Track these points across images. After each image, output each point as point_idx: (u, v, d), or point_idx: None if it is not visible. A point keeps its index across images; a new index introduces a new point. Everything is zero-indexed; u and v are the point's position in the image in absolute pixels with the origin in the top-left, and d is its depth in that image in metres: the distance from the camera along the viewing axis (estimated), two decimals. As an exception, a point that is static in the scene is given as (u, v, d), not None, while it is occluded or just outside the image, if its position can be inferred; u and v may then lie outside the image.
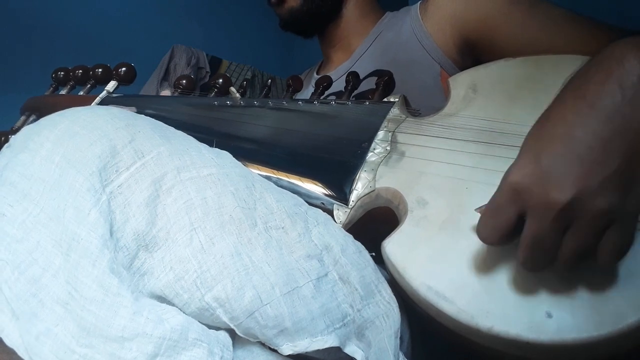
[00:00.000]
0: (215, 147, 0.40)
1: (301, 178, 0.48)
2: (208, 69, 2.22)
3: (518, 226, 0.33)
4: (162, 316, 0.29)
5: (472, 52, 0.67)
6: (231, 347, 0.31)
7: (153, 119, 0.39)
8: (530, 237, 0.32)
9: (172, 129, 0.39)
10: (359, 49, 0.81)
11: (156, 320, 0.28)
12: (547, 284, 0.34)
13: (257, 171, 0.47)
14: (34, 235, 0.30)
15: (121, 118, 0.36)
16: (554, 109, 0.34)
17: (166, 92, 0.69)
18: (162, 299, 0.32)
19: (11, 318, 0.28)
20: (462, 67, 0.68)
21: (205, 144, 0.39)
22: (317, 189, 0.47)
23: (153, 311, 0.29)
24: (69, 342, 0.27)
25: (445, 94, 0.53)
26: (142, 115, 0.38)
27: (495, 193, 0.34)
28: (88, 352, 0.27)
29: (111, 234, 0.31)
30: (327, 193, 0.47)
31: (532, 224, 0.32)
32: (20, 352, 0.27)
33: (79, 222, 0.30)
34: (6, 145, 0.35)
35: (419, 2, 0.75)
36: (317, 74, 0.90)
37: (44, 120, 0.35)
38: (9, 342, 0.27)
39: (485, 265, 0.36)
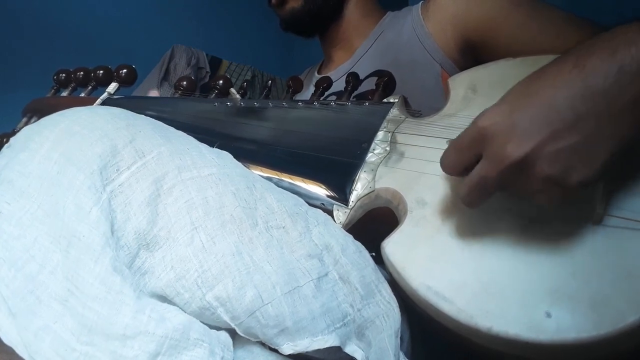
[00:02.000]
0: (216, 148, 0.40)
1: (301, 179, 0.48)
2: (208, 69, 2.22)
3: (474, 164, 0.36)
4: (164, 315, 0.29)
5: (473, 53, 0.67)
6: (232, 348, 0.31)
7: (153, 119, 0.39)
8: (476, 178, 0.35)
9: (172, 129, 0.39)
10: (360, 49, 0.81)
11: (158, 319, 0.28)
12: (546, 284, 0.34)
13: (257, 172, 0.47)
14: (31, 232, 0.30)
15: (122, 118, 0.36)
16: (549, 68, 0.35)
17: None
18: (163, 299, 0.32)
19: (7, 315, 0.28)
20: (463, 67, 0.68)
21: (205, 145, 0.39)
22: (317, 189, 0.47)
23: (155, 310, 0.29)
24: (69, 339, 0.27)
25: (446, 95, 0.53)
26: (143, 116, 0.38)
27: (465, 130, 0.37)
28: (89, 349, 0.27)
29: (112, 233, 0.31)
30: (327, 194, 0.47)
31: (482, 167, 0.35)
32: (19, 350, 0.27)
33: (80, 220, 0.30)
34: (6, 145, 0.35)
35: (420, 2, 0.76)
36: (319, 73, 0.90)
37: (44, 120, 0.35)
38: (6, 339, 0.27)
39: (485, 265, 0.36)
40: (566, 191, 0.33)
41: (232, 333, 0.32)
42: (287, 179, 0.49)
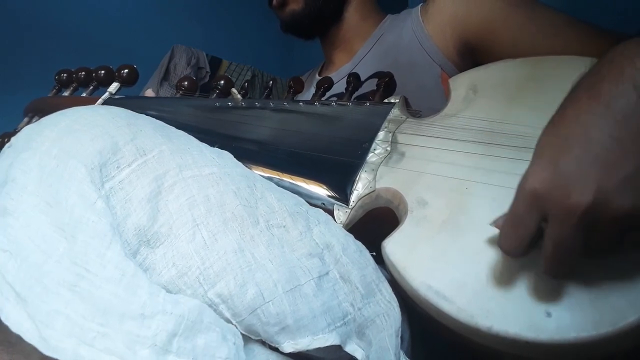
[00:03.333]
0: (216, 148, 0.40)
1: (302, 179, 0.48)
2: (208, 69, 2.22)
3: (539, 234, 0.32)
4: (178, 300, 0.29)
5: (472, 54, 0.68)
6: (240, 335, 0.31)
7: (154, 119, 0.39)
8: (553, 243, 0.31)
9: (173, 128, 0.39)
10: (360, 51, 0.81)
11: (173, 301, 0.28)
12: (546, 283, 0.34)
13: (258, 172, 0.47)
14: (35, 222, 0.30)
15: (123, 117, 0.36)
16: (567, 109, 0.33)
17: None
18: None
19: (16, 304, 0.27)
20: (463, 68, 0.68)
21: (206, 144, 0.39)
22: (317, 189, 0.47)
23: (168, 295, 0.29)
24: (82, 322, 0.26)
25: (445, 95, 0.53)
26: (143, 115, 0.39)
27: (514, 202, 0.33)
28: (106, 330, 0.26)
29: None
30: (327, 193, 0.47)
31: (554, 229, 0.31)
32: (27, 336, 0.27)
33: (86, 208, 0.30)
34: (7, 145, 0.35)
35: (420, 4, 0.76)
36: (319, 75, 0.90)
37: (45, 120, 0.35)
38: (14, 327, 0.27)
39: (485, 264, 0.36)
40: None
41: (233, 331, 0.33)
42: (288, 178, 0.49)
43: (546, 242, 0.32)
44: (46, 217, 0.30)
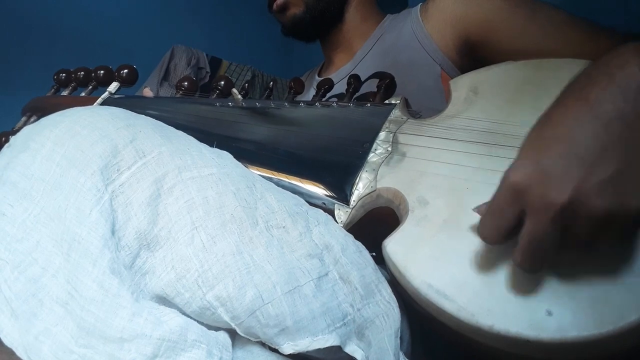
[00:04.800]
0: (215, 147, 0.40)
1: (303, 178, 0.48)
2: (208, 69, 2.22)
3: (518, 225, 0.33)
4: (161, 318, 0.29)
5: (472, 54, 0.68)
6: (230, 348, 0.31)
7: (154, 119, 0.39)
8: (528, 237, 0.32)
9: (172, 129, 0.39)
10: (360, 52, 0.81)
11: (155, 321, 0.28)
12: (547, 282, 0.34)
13: (259, 172, 0.47)
14: (34, 235, 0.30)
15: (122, 118, 0.36)
16: (555, 110, 0.35)
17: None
18: (163, 299, 0.32)
19: (10, 317, 0.28)
20: (463, 68, 0.68)
21: (205, 144, 0.39)
22: (318, 189, 0.47)
23: (152, 313, 0.29)
24: (68, 342, 0.27)
25: (445, 95, 0.53)
26: (143, 116, 0.38)
27: (496, 193, 0.35)
28: (87, 352, 0.27)
29: (113, 233, 0.31)
30: (328, 193, 0.47)
31: (531, 223, 0.32)
32: (18, 352, 0.27)
33: (80, 222, 0.30)
34: (6, 145, 0.35)
35: (420, 4, 0.76)
36: (319, 76, 0.90)
37: (45, 120, 0.35)
38: (7, 341, 0.27)
39: (486, 263, 0.36)
40: (628, 221, 0.31)
41: (232, 333, 0.32)
42: (288, 179, 0.49)
43: (522, 235, 0.33)
44: (46, 230, 0.30)
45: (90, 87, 0.66)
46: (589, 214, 0.31)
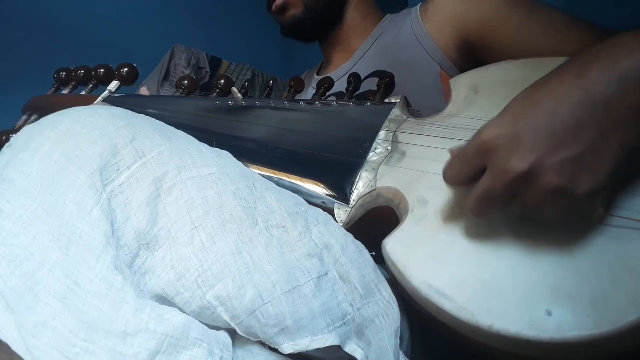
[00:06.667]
0: (215, 147, 0.40)
1: (303, 178, 0.48)
2: (208, 69, 2.22)
3: (479, 175, 0.36)
4: (164, 315, 0.29)
5: (472, 53, 0.68)
6: (231, 347, 0.31)
7: (154, 119, 0.39)
8: (482, 189, 0.35)
9: (172, 128, 0.39)
10: (359, 51, 0.81)
11: (158, 318, 0.28)
12: (547, 282, 0.34)
13: (259, 171, 0.47)
14: (31, 230, 0.29)
15: (122, 118, 0.36)
16: (551, 78, 0.36)
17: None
18: (163, 299, 0.32)
19: (5, 312, 0.27)
20: (462, 67, 0.68)
21: (205, 144, 0.39)
22: (318, 188, 0.47)
23: (155, 310, 0.29)
24: (69, 336, 0.27)
25: (445, 95, 0.53)
26: (143, 115, 0.38)
27: (469, 142, 0.37)
28: (89, 346, 0.26)
29: (112, 233, 0.31)
30: (328, 192, 0.47)
31: (488, 179, 0.35)
32: (15, 346, 0.27)
33: (81, 218, 0.30)
34: (7, 144, 0.35)
35: (420, 3, 0.76)
36: (318, 75, 0.90)
37: (45, 120, 0.35)
38: (3, 336, 0.27)
39: (486, 263, 0.36)
40: (574, 202, 0.33)
41: (232, 333, 0.32)
42: (288, 178, 0.49)
43: (477, 185, 0.36)
44: (43, 225, 0.30)
45: (91, 85, 0.66)
46: (540, 188, 0.33)
